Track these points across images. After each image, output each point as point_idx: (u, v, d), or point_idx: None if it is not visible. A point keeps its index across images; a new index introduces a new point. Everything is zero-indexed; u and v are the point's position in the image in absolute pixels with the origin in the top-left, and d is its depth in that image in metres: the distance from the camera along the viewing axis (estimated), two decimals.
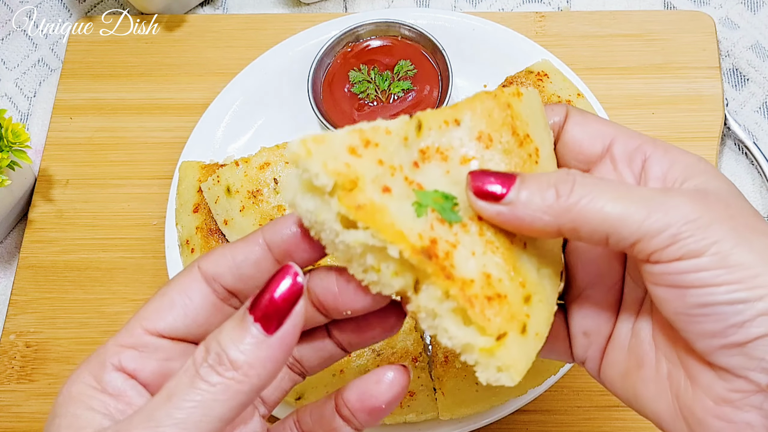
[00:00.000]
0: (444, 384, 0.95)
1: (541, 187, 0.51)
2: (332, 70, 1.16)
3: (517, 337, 0.51)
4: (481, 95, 0.54)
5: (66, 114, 1.23)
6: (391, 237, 0.49)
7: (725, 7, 1.25)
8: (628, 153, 0.56)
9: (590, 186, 0.50)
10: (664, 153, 0.55)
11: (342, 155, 0.50)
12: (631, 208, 0.49)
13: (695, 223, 0.48)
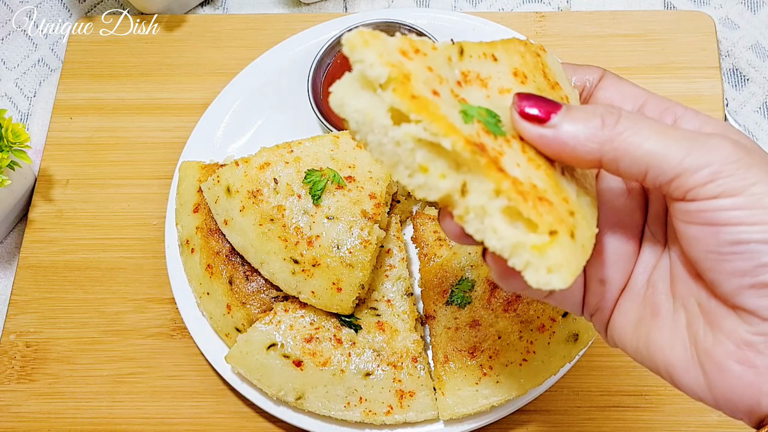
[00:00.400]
0: (444, 384, 0.95)
1: (586, 116, 0.52)
2: (332, 70, 1.16)
3: (568, 239, 0.50)
4: (513, 40, 0.56)
5: (66, 114, 1.23)
6: (445, 128, 0.49)
7: (725, 7, 1.25)
8: (659, 112, 0.57)
9: (635, 120, 0.51)
10: (695, 114, 0.56)
11: (394, 53, 0.50)
12: (674, 144, 0.50)
13: (735, 164, 0.50)
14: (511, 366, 0.95)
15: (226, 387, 1.05)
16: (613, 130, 0.51)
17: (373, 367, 0.96)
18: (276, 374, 0.97)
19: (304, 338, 0.98)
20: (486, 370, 0.95)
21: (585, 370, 1.01)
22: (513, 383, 0.95)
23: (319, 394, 0.96)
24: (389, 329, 0.98)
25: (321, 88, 1.15)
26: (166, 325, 1.09)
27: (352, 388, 0.96)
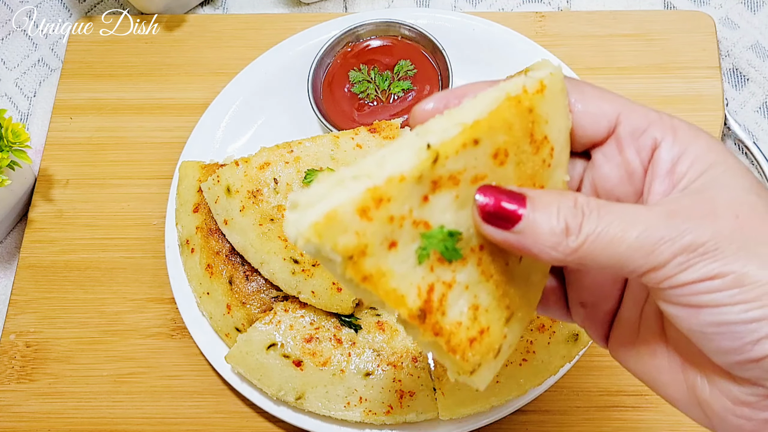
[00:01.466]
0: (444, 384, 0.95)
1: (550, 221, 0.50)
2: (332, 70, 1.16)
3: (490, 362, 0.56)
4: (503, 106, 0.53)
5: (66, 114, 1.23)
6: (393, 302, 0.51)
7: (725, 7, 1.25)
8: (635, 136, 0.55)
9: (598, 220, 0.50)
10: (673, 139, 0.53)
11: (353, 224, 0.49)
12: (637, 242, 0.49)
13: (704, 247, 0.48)
14: (511, 366, 0.95)
15: (226, 387, 1.05)
16: (577, 240, 0.50)
17: (373, 367, 0.96)
18: (276, 374, 0.97)
19: (304, 338, 0.98)
20: None
21: (585, 370, 1.01)
22: (513, 383, 0.95)
23: (319, 394, 0.96)
24: (389, 329, 0.98)
25: (321, 88, 1.15)
26: (166, 325, 1.09)
27: (352, 388, 0.96)
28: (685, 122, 0.54)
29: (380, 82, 1.14)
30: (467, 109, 0.53)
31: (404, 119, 1.11)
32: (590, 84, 0.57)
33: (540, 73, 0.55)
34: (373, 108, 1.13)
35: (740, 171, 0.52)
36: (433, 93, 1.13)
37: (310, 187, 0.49)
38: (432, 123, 0.52)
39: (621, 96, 0.56)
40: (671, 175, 0.53)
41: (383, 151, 0.51)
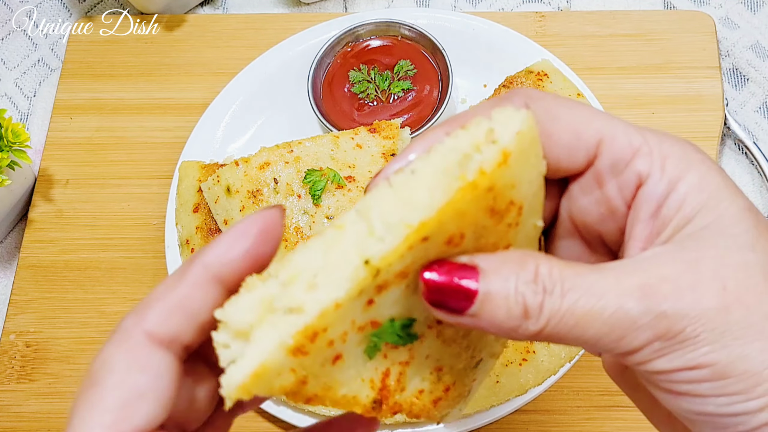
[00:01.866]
0: None
1: (507, 303, 0.44)
2: (332, 69, 1.16)
3: (458, 408, 0.53)
4: (456, 198, 0.45)
5: (66, 114, 1.23)
6: (345, 408, 0.48)
7: (725, 7, 1.25)
8: (617, 170, 0.47)
9: (561, 299, 0.44)
10: (660, 174, 0.46)
11: (286, 365, 0.45)
12: (606, 327, 0.43)
13: (683, 334, 0.43)
14: (511, 366, 0.95)
15: None
16: (537, 323, 0.44)
17: None
18: None
19: None
20: None
21: (585, 370, 1.01)
22: (513, 383, 0.95)
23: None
24: None
25: (321, 88, 1.15)
26: None
27: None
28: (677, 144, 0.47)
29: (380, 82, 1.14)
30: (415, 189, 0.45)
31: (404, 119, 1.11)
32: (566, 103, 0.48)
33: (504, 134, 0.46)
34: (373, 108, 1.13)
35: (735, 213, 0.45)
36: (432, 93, 1.13)
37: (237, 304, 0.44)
38: (376, 201, 0.45)
39: (601, 115, 0.48)
40: (655, 219, 0.46)
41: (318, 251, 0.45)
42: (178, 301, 0.45)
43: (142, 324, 0.45)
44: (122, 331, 0.45)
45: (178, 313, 0.45)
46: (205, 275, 0.46)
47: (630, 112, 1.15)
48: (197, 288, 0.46)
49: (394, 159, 0.49)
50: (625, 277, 0.44)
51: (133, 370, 0.44)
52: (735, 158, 1.16)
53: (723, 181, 0.46)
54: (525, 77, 1.10)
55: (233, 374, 0.43)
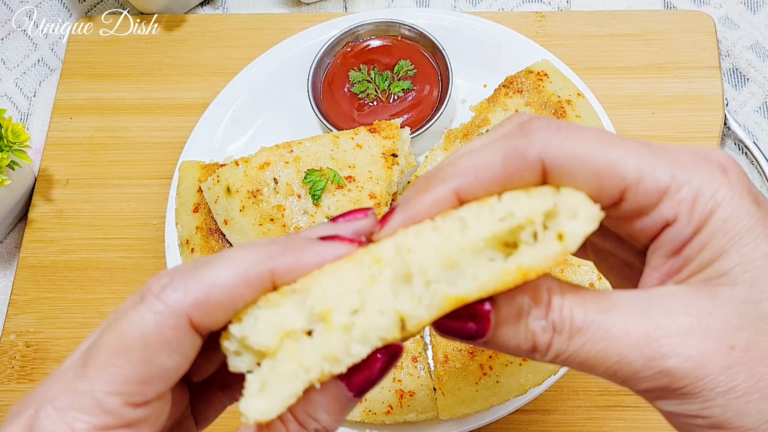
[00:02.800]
0: (444, 384, 0.95)
1: (517, 339, 0.46)
2: (332, 70, 1.16)
3: None
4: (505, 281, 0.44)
5: (66, 114, 1.23)
6: None
7: (725, 7, 1.25)
8: (644, 211, 0.46)
9: (569, 342, 0.45)
10: (688, 219, 0.45)
11: None
12: (610, 372, 0.45)
13: (684, 389, 0.44)
14: (511, 366, 0.95)
15: None
16: (544, 357, 0.46)
17: None
18: None
19: None
20: (486, 370, 0.94)
21: None
22: (513, 383, 0.95)
23: None
24: None
25: (321, 88, 1.15)
26: None
27: None
28: (707, 178, 0.45)
29: (380, 82, 1.14)
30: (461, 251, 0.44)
31: (404, 119, 1.11)
32: (588, 146, 0.45)
33: (569, 228, 0.44)
34: (372, 108, 1.13)
35: (758, 260, 0.44)
36: (432, 93, 1.13)
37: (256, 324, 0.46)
38: (417, 242, 0.45)
39: (627, 155, 0.45)
40: (676, 257, 0.46)
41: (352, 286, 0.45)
42: (232, 297, 0.46)
43: (189, 308, 0.45)
44: (165, 303, 0.45)
45: (227, 308, 0.46)
46: (267, 275, 0.46)
47: (630, 112, 1.15)
48: (254, 290, 0.46)
49: (438, 182, 0.47)
50: (633, 323, 0.44)
51: (163, 349, 0.45)
52: (735, 158, 1.16)
53: (751, 222, 0.44)
54: (525, 77, 1.10)
55: (258, 409, 0.46)
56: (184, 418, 0.56)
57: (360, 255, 0.46)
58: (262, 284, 0.46)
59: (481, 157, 0.47)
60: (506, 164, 0.46)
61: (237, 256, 0.47)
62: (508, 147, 0.46)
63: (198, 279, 0.46)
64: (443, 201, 0.47)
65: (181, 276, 0.47)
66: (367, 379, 0.47)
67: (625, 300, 0.45)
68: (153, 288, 0.46)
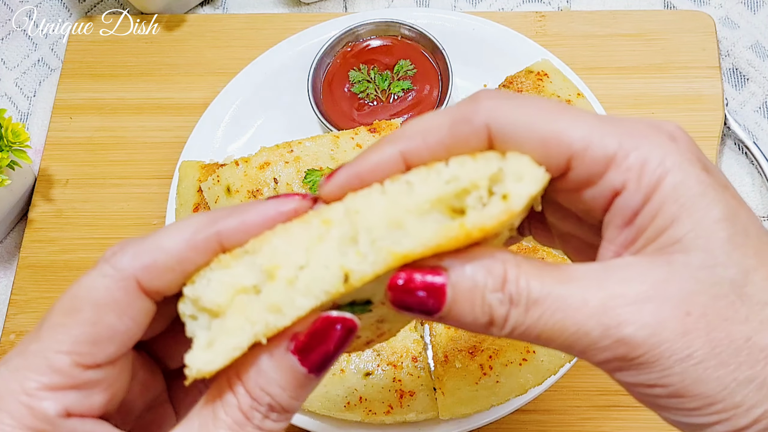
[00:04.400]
0: (444, 384, 0.95)
1: (474, 313, 0.45)
2: (332, 69, 1.16)
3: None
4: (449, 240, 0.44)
5: (66, 114, 1.23)
6: None
7: (725, 7, 1.25)
8: (592, 180, 0.46)
9: (525, 314, 0.44)
10: (637, 186, 0.44)
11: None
12: (568, 343, 0.45)
13: (641, 359, 0.44)
14: (511, 366, 0.95)
15: None
16: (501, 331, 0.45)
17: (373, 367, 0.96)
18: None
19: None
20: (486, 370, 0.95)
21: (585, 370, 1.01)
22: (513, 383, 0.95)
23: (319, 394, 0.96)
24: None
25: (321, 88, 1.15)
26: None
27: (352, 388, 0.96)
28: (656, 145, 0.45)
29: (380, 81, 1.14)
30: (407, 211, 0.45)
31: (404, 119, 1.11)
32: (533, 114, 0.46)
33: (514, 189, 0.44)
34: (372, 108, 1.13)
35: (711, 226, 0.44)
36: (432, 93, 1.13)
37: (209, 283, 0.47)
38: (366, 205, 0.45)
39: (572, 122, 0.45)
40: (630, 227, 0.46)
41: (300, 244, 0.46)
42: (180, 260, 0.47)
43: (137, 272, 0.47)
44: (114, 267, 0.47)
45: (176, 270, 0.47)
46: (214, 238, 0.47)
47: (630, 112, 1.15)
48: (201, 253, 0.47)
49: (385, 143, 0.48)
50: (590, 293, 0.44)
51: (112, 311, 0.47)
52: (735, 158, 1.16)
53: (700, 188, 0.44)
54: (525, 77, 1.10)
55: (203, 360, 0.45)
56: (160, 403, 0.57)
57: (310, 217, 0.47)
58: (210, 247, 0.47)
59: (429, 122, 0.47)
60: (453, 129, 0.46)
61: (185, 222, 0.48)
62: (456, 113, 0.47)
63: (146, 244, 0.47)
64: (389, 161, 0.47)
65: (132, 243, 0.48)
66: (322, 354, 0.46)
67: (582, 272, 0.45)
68: (105, 255, 0.48)
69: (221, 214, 0.48)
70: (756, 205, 1.11)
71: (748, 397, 0.43)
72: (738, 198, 0.46)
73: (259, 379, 0.46)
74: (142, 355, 0.56)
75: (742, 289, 0.44)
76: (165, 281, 0.48)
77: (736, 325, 0.43)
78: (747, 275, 0.44)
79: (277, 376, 0.46)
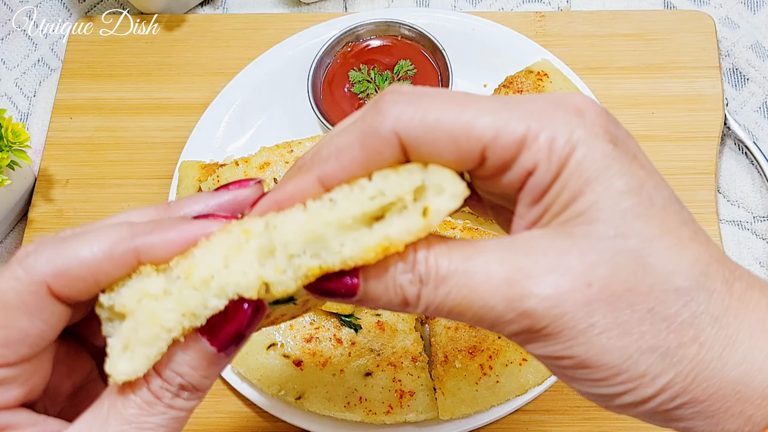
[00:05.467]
0: (444, 384, 0.95)
1: (387, 294, 0.46)
2: (332, 69, 1.16)
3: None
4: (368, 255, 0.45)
5: (66, 114, 1.23)
6: None
7: (725, 7, 1.25)
8: (505, 166, 0.46)
9: (435, 291, 0.45)
10: (547, 165, 0.45)
11: None
12: (476, 318, 0.45)
13: (545, 330, 0.44)
14: (511, 366, 0.95)
15: (225, 387, 1.05)
16: (416, 309, 0.46)
17: (373, 367, 0.96)
18: (276, 374, 0.97)
19: (304, 338, 0.98)
20: (486, 370, 0.95)
21: None
22: (513, 383, 0.95)
23: (319, 394, 0.96)
24: (389, 329, 0.98)
25: (321, 88, 1.15)
26: None
27: (352, 388, 0.96)
28: (563, 123, 0.45)
29: (380, 82, 1.14)
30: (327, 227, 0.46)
31: None
32: (440, 108, 0.45)
33: (435, 204, 0.45)
34: None
35: (614, 197, 0.44)
36: None
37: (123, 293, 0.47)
38: (286, 221, 0.46)
39: (480, 112, 0.45)
40: (538, 204, 0.46)
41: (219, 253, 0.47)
42: (93, 271, 0.47)
43: (49, 277, 0.47)
44: (26, 269, 0.47)
45: (89, 281, 0.47)
46: (132, 253, 0.48)
47: (630, 112, 1.15)
48: (117, 266, 0.48)
49: (300, 171, 0.49)
50: (494, 267, 0.44)
51: (23, 314, 0.47)
52: (735, 158, 1.16)
53: (605, 162, 0.44)
54: (525, 77, 1.10)
55: (122, 370, 0.46)
56: (90, 381, 0.58)
57: (232, 226, 0.48)
58: (126, 261, 0.48)
59: (340, 141, 0.47)
60: (364, 144, 0.46)
61: (105, 231, 0.48)
62: (363, 127, 0.46)
63: (61, 250, 0.47)
64: (307, 189, 0.48)
65: (47, 245, 0.48)
66: (230, 334, 0.47)
67: (489, 246, 0.46)
68: (19, 254, 0.48)
69: (143, 230, 0.48)
70: (756, 205, 1.11)
71: (652, 367, 0.44)
72: (647, 168, 0.46)
73: (169, 360, 0.47)
74: (67, 340, 0.56)
75: (645, 259, 0.44)
76: (76, 290, 0.48)
77: (639, 296, 0.44)
78: (650, 244, 0.44)
79: (187, 357, 0.47)
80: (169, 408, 0.47)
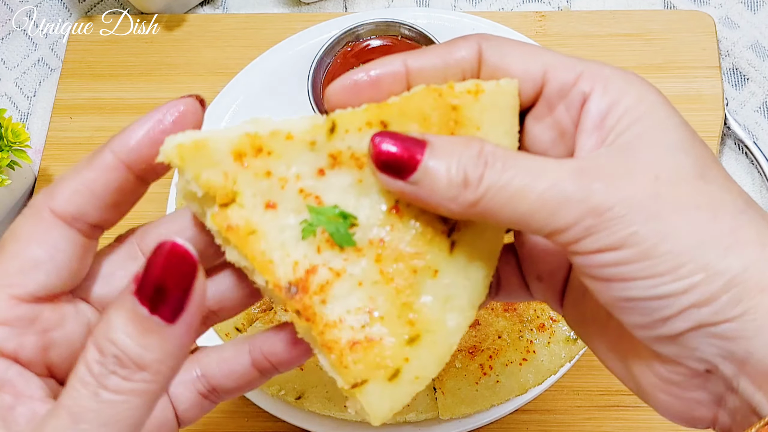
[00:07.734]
0: (444, 384, 0.95)
1: (450, 171, 0.46)
2: (332, 69, 1.16)
3: (382, 384, 0.48)
4: (422, 92, 0.48)
5: (66, 114, 1.23)
6: (258, 265, 0.46)
7: (725, 7, 1.25)
8: (564, 92, 0.51)
9: (500, 172, 0.46)
10: (603, 91, 0.49)
11: (224, 162, 0.46)
12: (540, 200, 0.45)
13: (612, 212, 0.44)
14: (511, 366, 0.95)
15: None
16: (476, 192, 0.45)
17: None
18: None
19: None
20: (486, 370, 0.95)
21: (585, 370, 1.01)
22: (513, 383, 0.95)
23: (319, 394, 0.96)
24: None
25: (321, 88, 1.15)
26: None
27: None
28: (619, 71, 0.50)
29: None
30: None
31: None
32: (513, 43, 0.52)
33: (488, 82, 0.49)
34: None
35: (671, 125, 0.48)
36: None
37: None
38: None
39: (547, 51, 0.53)
40: (599, 130, 0.48)
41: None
42: (85, 183, 0.50)
43: (49, 202, 0.49)
44: (31, 206, 0.50)
45: (84, 193, 0.49)
46: (114, 160, 0.50)
47: None
48: (104, 171, 0.50)
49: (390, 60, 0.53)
50: (564, 162, 0.47)
51: (32, 241, 0.49)
52: (735, 158, 1.16)
53: (661, 99, 0.49)
54: None
55: (179, 137, 0.46)
56: None
57: None
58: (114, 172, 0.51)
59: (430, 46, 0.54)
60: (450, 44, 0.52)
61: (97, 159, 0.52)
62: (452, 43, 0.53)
63: (58, 182, 0.51)
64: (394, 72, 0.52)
65: (61, 180, 0.52)
66: (149, 283, 0.41)
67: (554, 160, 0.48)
68: None
69: (112, 137, 0.53)
70: None
71: (715, 260, 0.44)
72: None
73: (104, 325, 0.42)
74: None
75: (703, 171, 0.46)
76: (77, 204, 0.49)
77: (702, 196, 0.45)
78: (705, 166, 0.47)
79: (120, 322, 0.42)
80: (102, 389, 0.41)
